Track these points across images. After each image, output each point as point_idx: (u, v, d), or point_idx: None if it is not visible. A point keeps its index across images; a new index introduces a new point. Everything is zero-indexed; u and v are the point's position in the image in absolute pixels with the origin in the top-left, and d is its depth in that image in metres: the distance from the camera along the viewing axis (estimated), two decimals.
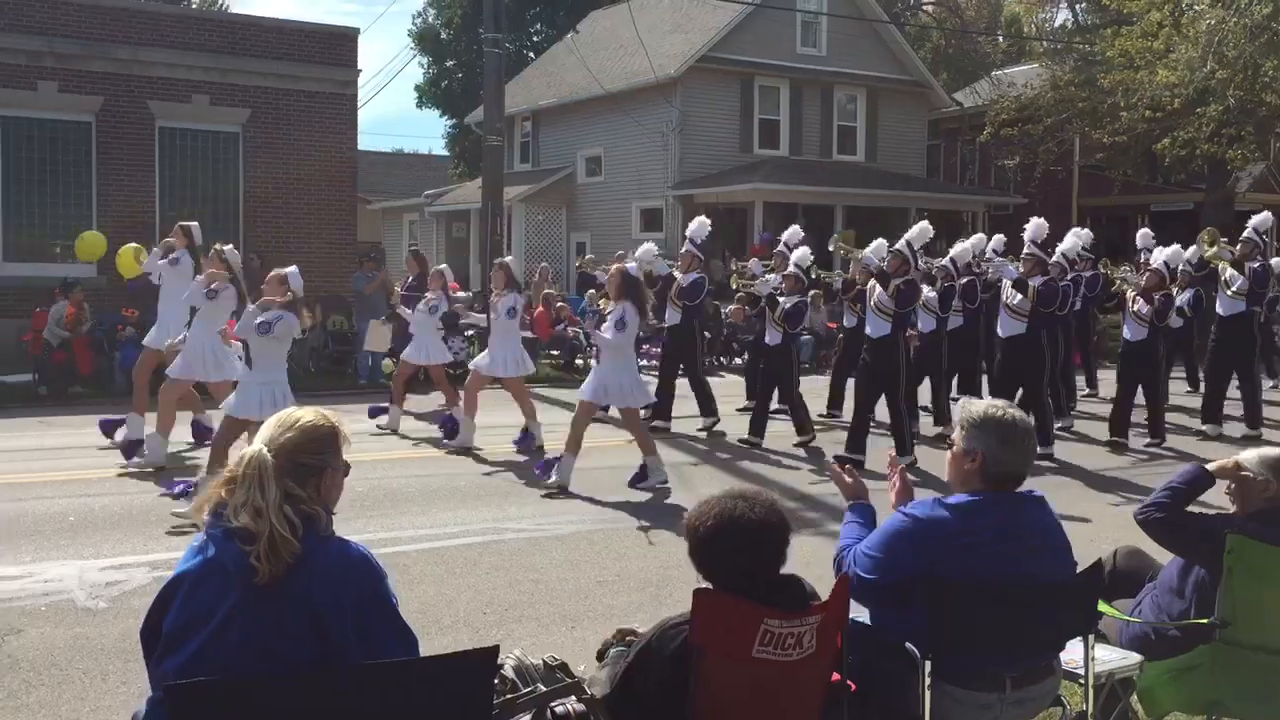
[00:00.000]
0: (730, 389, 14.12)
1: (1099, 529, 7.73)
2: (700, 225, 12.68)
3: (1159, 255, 12.35)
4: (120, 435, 10.19)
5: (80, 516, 7.96)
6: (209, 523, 2.70)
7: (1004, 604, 3.37)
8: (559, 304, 17.83)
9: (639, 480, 9.17)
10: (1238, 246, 12.61)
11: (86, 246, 15.49)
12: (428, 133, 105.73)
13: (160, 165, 18.20)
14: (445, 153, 46.35)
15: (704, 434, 11.99)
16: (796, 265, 11.75)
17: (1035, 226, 11.37)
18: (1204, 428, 12.46)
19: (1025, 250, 11.41)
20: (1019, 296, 11.06)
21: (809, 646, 2.96)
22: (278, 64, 18.85)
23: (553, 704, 3.04)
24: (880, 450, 10.67)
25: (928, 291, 12.04)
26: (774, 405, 12.04)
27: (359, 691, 2.57)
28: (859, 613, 3.53)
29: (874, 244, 11.83)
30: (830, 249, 12.63)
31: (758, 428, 11.47)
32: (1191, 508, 4.21)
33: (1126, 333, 11.91)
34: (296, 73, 19.02)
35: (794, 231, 12.59)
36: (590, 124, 29.28)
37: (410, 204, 34.44)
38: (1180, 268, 14.90)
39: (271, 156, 18.86)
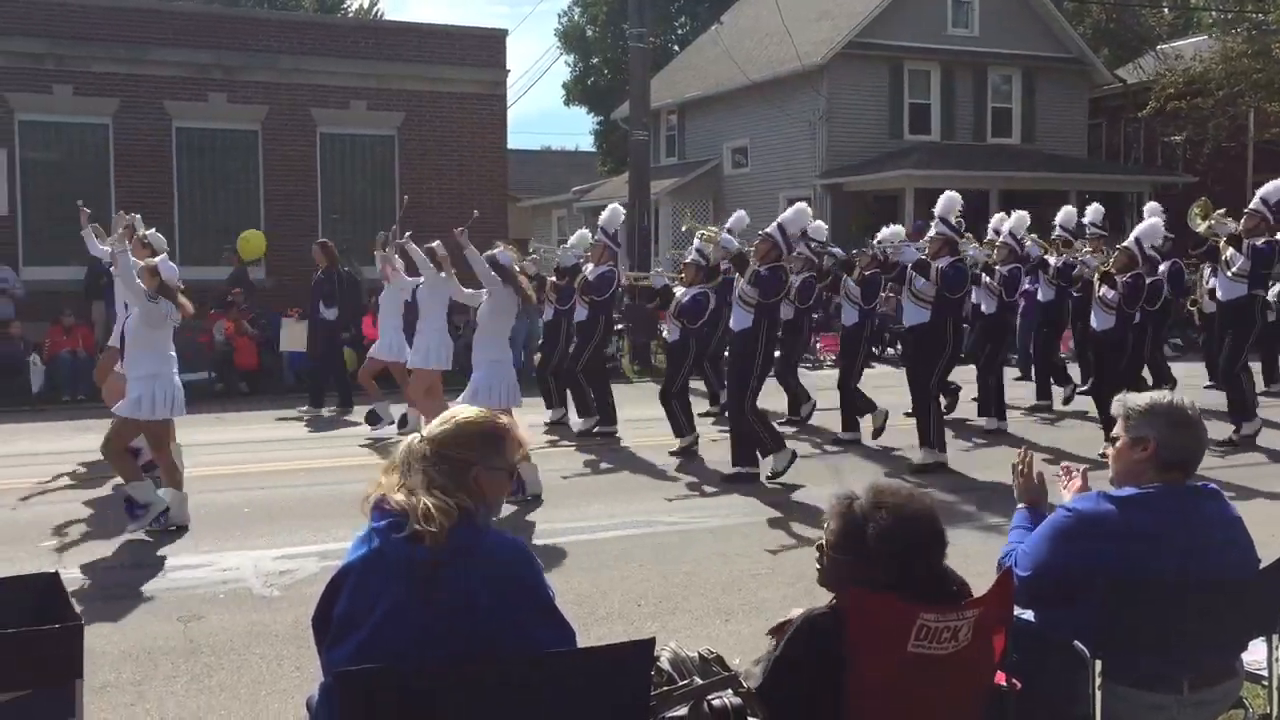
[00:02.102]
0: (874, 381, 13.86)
1: None
2: (613, 214, 11.38)
3: (1135, 232, 10.77)
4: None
5: (254, 508, 8.34)
6: (374, 516, 2.79)
7: (1178, 601, 3.23)
8: None
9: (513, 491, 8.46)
10: (1241, 220, 10.89)
11: (249, 246, 16.23)
12: (575, 129, 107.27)
13: (321, 170, 18.92)
14: (593, 148, 46.90)
15: (596, 437, 11.13)
16: (698, 252, 10.42)
17: (945, 201, 10.02)
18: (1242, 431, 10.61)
19: (933, 229, 10.08)
20: (921, 280, 9.75)
21: (965, 640, 2.89)
22: (430, 68, 19.37)
23: (709, 697, 3.03)
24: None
25: (847, 281, 11.11)
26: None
27: (519, 682, 2.62)
28: (1022, 610, 3.42)
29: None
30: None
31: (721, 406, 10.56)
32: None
33: (1094, 321, 10.58)
34: (448, 75, 19.51)
35: (739, 218, 11.28)
36: (736, 115, 29.14)
37: (559, 200, 34.93)
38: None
39: (425, 158, 19.40)
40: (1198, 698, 3.27)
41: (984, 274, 11.39)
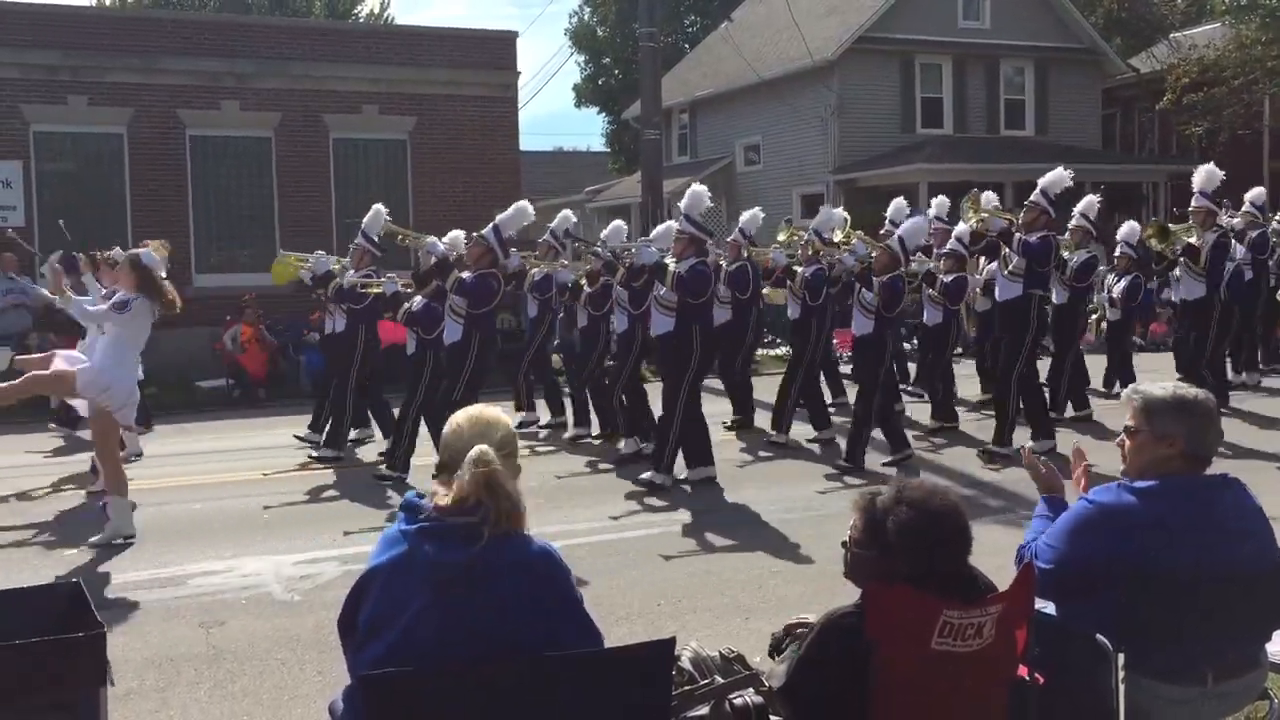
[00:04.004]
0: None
1: None
2: (375, 215, 10.13)
3: (899, 230, 9.89)
4: None
5: (274, 514, 8.37)
6: (403, 518, 2.80)
7: (1201, 593, 3.21)
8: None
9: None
10: (1021, 213, 9.98)
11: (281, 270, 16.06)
12: (587, 129, 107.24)
13: (334, 175, 18.98)
14: (605, 148, 46.90)
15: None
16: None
17: (691, 197, 9.19)
18: (1004, 450, 9.56)
19: (679, 229, 9.16)
20: (663, 288, 8.84)
21: (989, 636, 2.88)
22: (441, 71, 19.40)
23: (731, 696, 3.03)
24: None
25: (615, 286, 9.99)
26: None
27: (543, 682, 2.62)
28: (1043, 604, 3.41)
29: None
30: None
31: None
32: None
33: (854, 326, 9.74)
34: (459, 78, 19.54)
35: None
36: (747, 112, 29.11)
37: (571, 201, 34.96)
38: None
39: (438, 161, 19.43)
40: (1221, 689, 3.26)
41: (786, 278, 10.92)
